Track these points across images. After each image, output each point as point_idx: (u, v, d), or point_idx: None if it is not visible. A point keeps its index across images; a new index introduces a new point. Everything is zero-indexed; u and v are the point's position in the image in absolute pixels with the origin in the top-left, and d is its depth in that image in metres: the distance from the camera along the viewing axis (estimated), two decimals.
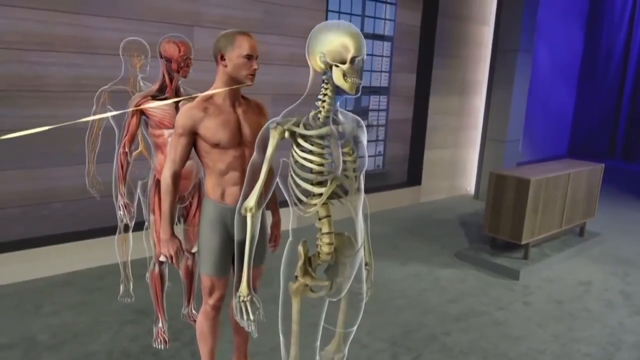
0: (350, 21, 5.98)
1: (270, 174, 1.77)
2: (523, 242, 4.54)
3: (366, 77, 6.48)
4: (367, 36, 6.25)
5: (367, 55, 6.34)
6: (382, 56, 6.58)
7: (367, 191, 1.97)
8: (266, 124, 1.77)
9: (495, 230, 4.73)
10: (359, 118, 1.94)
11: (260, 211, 1.80)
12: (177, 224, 3.22)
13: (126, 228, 3.59)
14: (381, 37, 6.51)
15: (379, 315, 3.70)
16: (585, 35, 11.11)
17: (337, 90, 1.73)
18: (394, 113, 6.91)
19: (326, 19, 5.87)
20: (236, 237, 2.02)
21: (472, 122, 7.59)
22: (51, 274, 4.13)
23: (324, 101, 1.75)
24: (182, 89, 2.98)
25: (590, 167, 5.27)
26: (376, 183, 6.84)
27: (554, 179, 4.70)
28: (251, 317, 1.81)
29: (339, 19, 6.03)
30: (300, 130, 1.74)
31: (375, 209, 6.56)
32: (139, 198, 3.44)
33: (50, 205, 4.31)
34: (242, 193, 1.81)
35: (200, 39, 4.72)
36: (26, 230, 4.22)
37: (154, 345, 3.11)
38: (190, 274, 3.31)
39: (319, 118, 1.76)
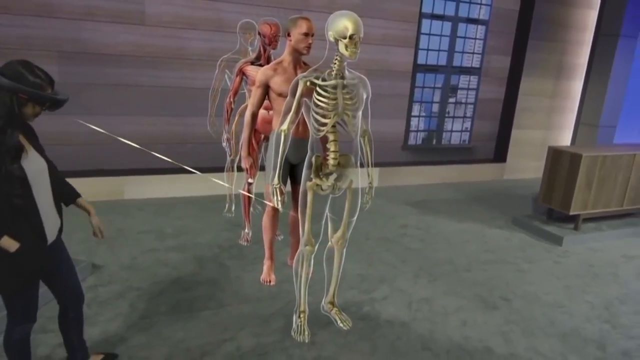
0: (445, 6, 6.69)
1: (298, 109, 2.73)
2: (572, 213, 4.92)
3: (457, 58, 7.04)
4: (461, 20, 6.85)
5: (459, 37, 6.95)
6: (475, 39, 7.06)
7: (452, 163, 2.64)
8: (296, 78, 2.73)
9: (549, 200, 5.15)
10: (364, 77, 2.80)
11: (290, 133, 2.77)
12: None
13: (232, 165, 4.83)
14: (475, 21, 6.99)
15: (418, 252, 4.51)
16: None
17: (343, 57, 2.61)
18: (484, 92, 7.37)
19: (421, 4, 6.57)
20: (280, 156, 2.94)
21: (568, 105, 7.69)
22: (181, 195, 5.63)
23: (335, 64, 2.65)
24: (272, 58, 4.05)
25: None
26: (462, 156, 7.42)
27: (613, 158, 4.96)
28: (279, 197, 2.85)
29: (433, 4, 6.68)
30: (319, 82, 2.67)
31: (458, 179, 7.23)
32: None
33: (185, 145, 5.78)
34: (280, 121, 2.80)
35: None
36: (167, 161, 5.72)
37: (239, 242, 4.34)
38: None
39: (331, 74, 2.67)
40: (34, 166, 2.00)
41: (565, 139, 7.82)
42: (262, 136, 4.16)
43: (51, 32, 5.03)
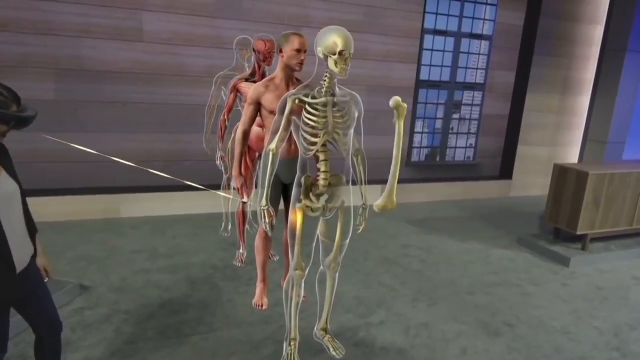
0: (448, 22, 6.60)
1: (287, 128, 2.62)
2: (579, 233, 4.75)
3: (460, 73, 6.94)
4: (464, 35, 6.75)
5: (463, 53, 6.85)
6: (479, 54, 6.96)
7: (457, 180, 2.53)
8: (284, 95, 2.63)
9: (555, 219, 4.99)
10: (356, 94, 2.69)
11: (279, 152, 2.66)
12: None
13: (229, 183, 4.73)
14: (479, 37, 6.90)
15: (418, 273, 4.35)
16: None
17: (332, 74, 2.51)
18: (488, 108, 7.25)
19: (423, 20, 6.50)
20: (268, 174, 2.84)
21: (575, 121, 7.54)
22: (177, 213, 5.53)
23: (325, 81, 2.55)
24: (267, 74, 3.97)
25: None
26: (466, 173, 7.27)
27: (621, 176, 4.79)
28: (267, 220, 2.73)
29: (436, 20, 6.61)
30: (308, 100, 2.57)
31: (463, 197, 7.07)
32: None
33: (183, 162, 5.71)
34: (268, 140, 2.69)
35: (309, 38, 5.74)
36: (164, 179, 5.64)
37: (234, 263, 4.22)
38: None
39: (321, 92, 2.56)
40: (4, 189, 1.90)
41: (572, 156, 7.65)
42: (257, 154, 4.06)
43: (49, 49, 5.00)
